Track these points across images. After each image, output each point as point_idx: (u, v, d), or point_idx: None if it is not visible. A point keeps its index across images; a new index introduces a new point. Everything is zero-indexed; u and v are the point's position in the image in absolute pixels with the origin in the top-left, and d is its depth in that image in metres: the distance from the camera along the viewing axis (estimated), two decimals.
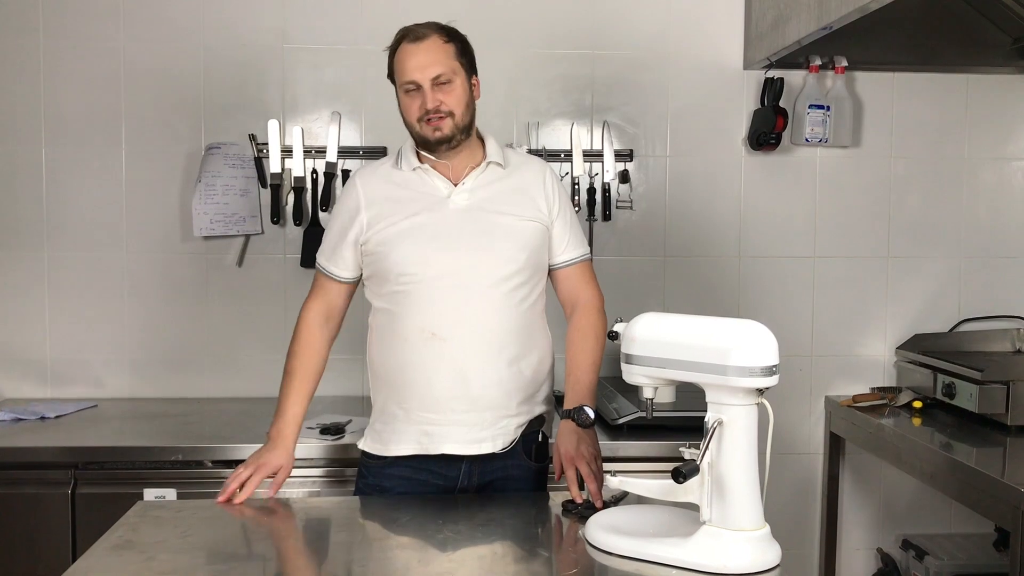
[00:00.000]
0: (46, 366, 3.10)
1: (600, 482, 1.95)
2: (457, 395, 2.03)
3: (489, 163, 2.12)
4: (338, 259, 2.14)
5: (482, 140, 2.15)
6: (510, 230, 2.08)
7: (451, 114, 2.03)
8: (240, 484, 2.01)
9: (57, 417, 2.83)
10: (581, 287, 2.20)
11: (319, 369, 2.17)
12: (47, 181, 3.08)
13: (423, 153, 2.10)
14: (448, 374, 2.03)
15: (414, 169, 2.10)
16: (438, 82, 2.03)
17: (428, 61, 2.03)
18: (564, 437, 2.03)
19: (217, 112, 3.09)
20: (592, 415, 1.99)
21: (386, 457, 2.08)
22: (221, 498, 1.99)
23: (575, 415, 1.99)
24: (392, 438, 2.08)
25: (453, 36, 2.08)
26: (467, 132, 2.09)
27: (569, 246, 2.18)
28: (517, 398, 2.07)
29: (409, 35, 2.06)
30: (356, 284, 2.18)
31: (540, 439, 2.15)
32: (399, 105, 2.10)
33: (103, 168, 3.08)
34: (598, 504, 1.90)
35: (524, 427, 2.10)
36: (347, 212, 2.12)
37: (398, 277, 2.05)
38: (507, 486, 2.09)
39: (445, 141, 2.05)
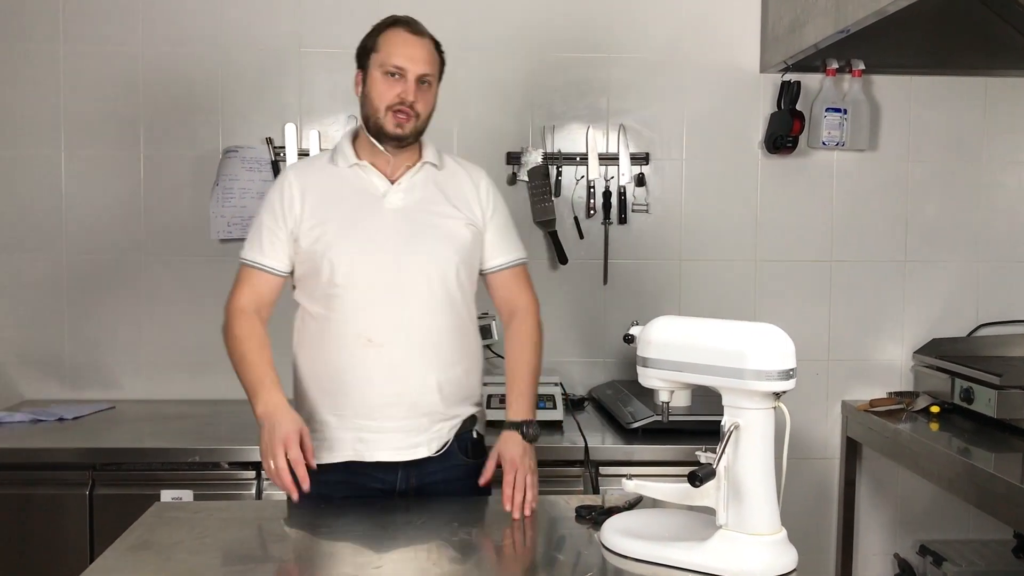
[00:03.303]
0: (64, 367, 3.13)
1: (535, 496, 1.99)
2: (393, 402, 2.02)
3: (425, 163, 2.12)
4: (273, 251, 2.06)
5: (420, 143, 2.15)
6: (445, 232, 2.08)
7: (418, 116, 2.05)
8: (286, 475, 1.87)
9: (75, 418, 2.85)
10: (518, 292, 2.20)
11: (268, 343, 2.06)
12: (66, 183, 3.10)
13: (372, 142, 2.07)
14: (385, 381, 2.01)
15: (351, 166, 2.09)
16: (421, 81, 2.04)
17: (423, 57, 2.05)
18: (509, 445, 2.05)
19: (234, 116, 3.11)
20: (538, 432, 2.07)
21: (321, 465, 2.01)
22: (295, 494, 1.87)
23: (524, 429, 2.05)
24: (323, 446, 2.03)
25: (439, 48, 2.11)
26: (418, 137, 2.10)
27: (504, 250, 2.19)
28: (452, 401, 2.08)
29: (408, 25, 2.07)
30: (285, 279, 2.11)
31: (475, 436, 2.16)
32: (364, 88, 2.08)
33: (121, 171, 3.11)
34: (526, 514, 1.94)
35: (457, 428, 2.10)
36: (281, 204, 2.07)
37: (331, 279, 2.02)
38: (447, 488, 2.09)
39: (401, 138, 2.05)
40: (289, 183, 2.09)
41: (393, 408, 2.02)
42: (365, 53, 2.09)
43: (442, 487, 2.08)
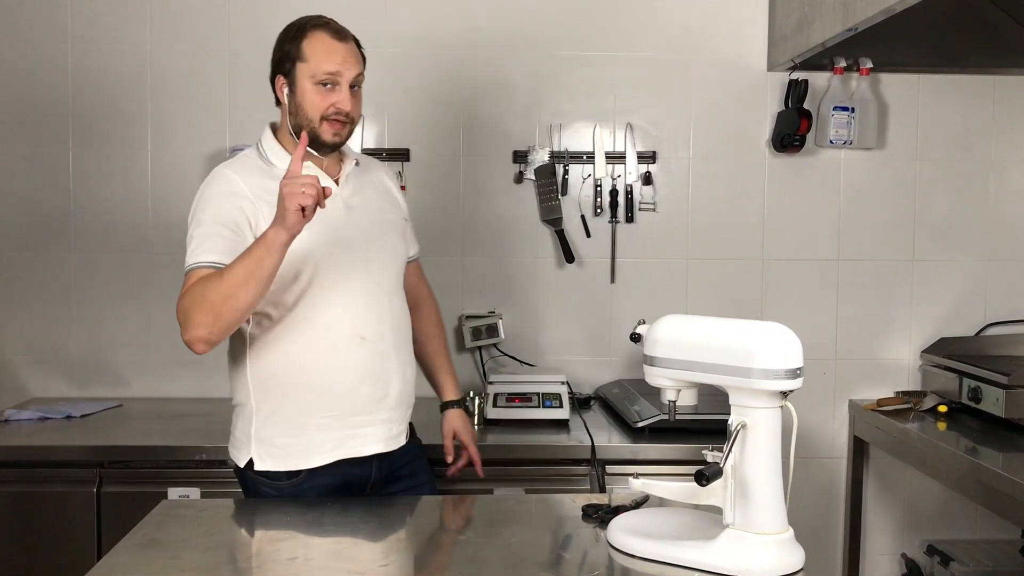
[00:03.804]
0: (72, 366, 3.14)
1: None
2: (380, 396, 2.06)
3: (354, 162, 2.12)
4: (233, 252, 1.87)
5: None
6: (394, 227, 2.16)
7: (353, 121, 2.01)
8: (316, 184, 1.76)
9: (83, 416, 2.86)
10: (421, 283, 2.35)
11: None
12: (74, 182, 3.11)
13: (309, 151, 1.99)
14: (378, 377, 2.05)
15: None
16: (352, 85, 2.00)
17: (353, 61, 2.00)
18: (460, 422, 2.31)
19: (241, 114, 3.11)
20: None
21: (300, 471, 2.02)
22: (323, 202, 1.76)
23: (467, 405, 2.34)
24: (311, 449, 2.01)
25: (359, 45, 2.06)
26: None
27: (414, 242, 2.31)
28: (413, 390, 2.17)
29: (332, 29, 2.00)
30: None
31: (411, 422, 2.23)
32: (294, 97, 1.99)
33: (129, 169, 3.11)
34: (479, 471, 2.28)
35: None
36: (236, 204, 1.94)
37: (314, 281, 1.97)
38: (406, 471, 2.15)
39: (339, 145, 2.03)
40: (235, 183, 1.97)
41: (381, 402, 2.07)
42: (288, 60, 1.99)
43: (402, 471, 2.15)
